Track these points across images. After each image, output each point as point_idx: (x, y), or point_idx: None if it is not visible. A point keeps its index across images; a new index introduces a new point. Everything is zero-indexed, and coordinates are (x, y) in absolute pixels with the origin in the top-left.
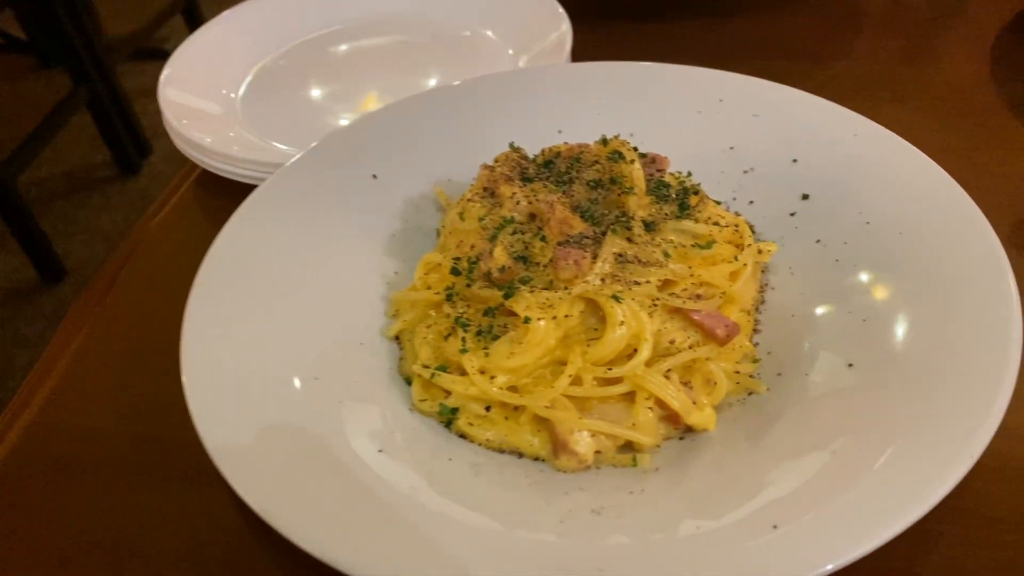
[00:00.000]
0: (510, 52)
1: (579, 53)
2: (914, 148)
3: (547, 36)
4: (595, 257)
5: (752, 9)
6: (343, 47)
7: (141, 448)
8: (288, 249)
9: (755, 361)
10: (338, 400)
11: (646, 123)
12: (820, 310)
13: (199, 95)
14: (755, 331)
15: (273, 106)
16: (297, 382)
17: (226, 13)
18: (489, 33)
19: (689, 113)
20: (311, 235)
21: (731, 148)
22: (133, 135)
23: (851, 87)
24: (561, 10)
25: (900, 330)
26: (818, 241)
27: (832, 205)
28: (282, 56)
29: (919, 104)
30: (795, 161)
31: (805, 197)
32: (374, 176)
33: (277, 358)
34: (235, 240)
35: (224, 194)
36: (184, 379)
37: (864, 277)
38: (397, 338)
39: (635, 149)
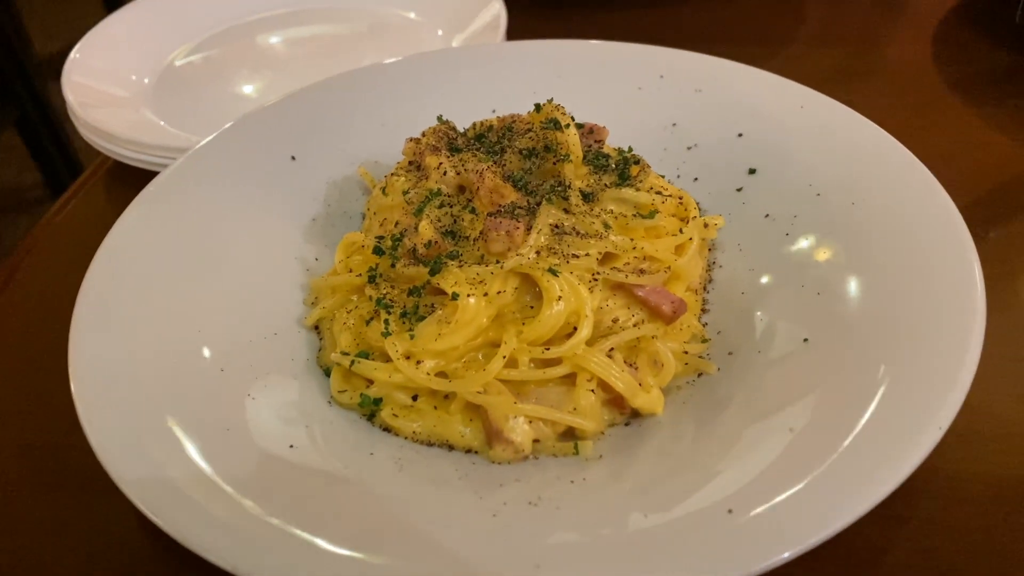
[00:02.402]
0: (440, 33)
1: (518, 38)
2: (863, 118)
3: (478, 16)
4: (529, 228)
5: None
6: (264, 36)
7: (31, 456)
8: (194, 236)
9: (704, 341)
10: (247, 393)
11: (584, 101)
12: (771, 286)
13: (108, 81)
14: (703, 311)
15: (189, 94)
16: (201, 377)
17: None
18: (414, 15)
19: (629, 90)
20: (221, 220)
21: (674, 125)
22: (64, 155)
23: (797, 71)
24: None
25: (857, 302)
26: (767, 215)
27: (780, 178)
28: (200, 44)
29: (866, 86)
30: (740, 135)
31: (752, 171)
32: (293, 157)
33: (178, 351)
34: (133, 229)
35: (138, 185)
36: (72, 380)
37: (817, 250)
38: (316, 328)
39: (571, 117)
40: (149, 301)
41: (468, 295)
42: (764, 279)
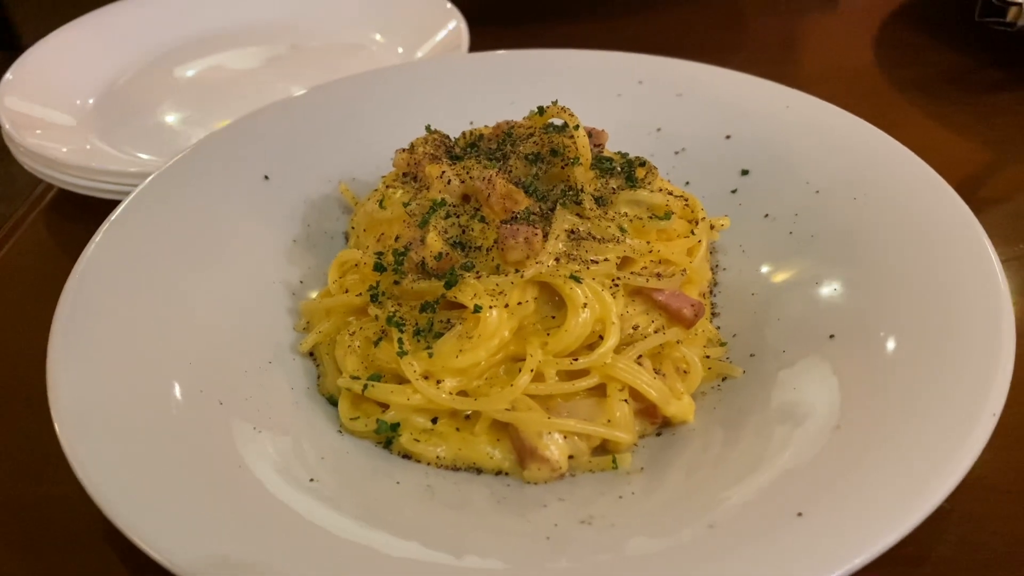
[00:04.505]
0: (400, 51)
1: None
2: (851, 115)
3: (438, 33)
4: (546, 235)
5: (639, 10)
6: (222, 55)
7: (7, 512)
8: (170, 263)
9: (722, 344)
10: (252, 426)
11: None
12: (783, 285)
13: (48, 104)
14: (714, 314)
15: (141, 116)
16: (199, 412)
17: (86, 16)
18: (378, 36)
19: (608, 97)
20: (196, 246)
21: (658, 130)
22: None
23: None
24: (450, 6)
25: (880, 295)
26: (767, 215)
27: (776, 178)
28: (151, 64)
29: (815, 91)
30: (728, 137)
31: (745, 173)
32: (266, 177)
33: (168, 386)
34: (102, 260)
35: (85, 218)
36: (57, 427)
37: (826, 246)
38: (312, 354)
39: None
40: (128, 336)
41: (490, 307)
42: (774, 279)
